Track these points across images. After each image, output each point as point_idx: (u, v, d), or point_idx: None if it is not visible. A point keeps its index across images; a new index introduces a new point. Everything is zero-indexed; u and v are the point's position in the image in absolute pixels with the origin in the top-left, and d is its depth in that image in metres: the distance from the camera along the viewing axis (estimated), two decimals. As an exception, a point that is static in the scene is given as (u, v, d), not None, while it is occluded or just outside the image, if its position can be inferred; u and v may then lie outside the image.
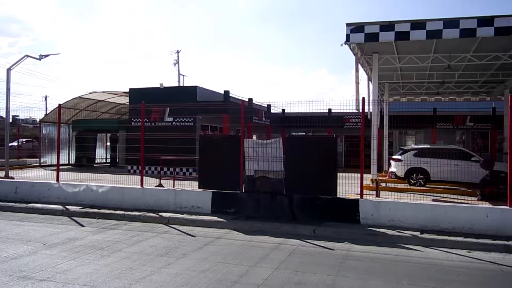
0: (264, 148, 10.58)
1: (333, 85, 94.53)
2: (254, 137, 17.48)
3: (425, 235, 8.38)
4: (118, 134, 25.06)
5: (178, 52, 45.35)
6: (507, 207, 8.59)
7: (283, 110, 27.68)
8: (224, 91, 22.13)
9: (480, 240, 8.00)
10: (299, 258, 7.07)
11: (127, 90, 23.22)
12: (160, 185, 13.08)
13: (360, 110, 10.27)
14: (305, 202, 9.91)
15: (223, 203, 10.47)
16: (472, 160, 14.79)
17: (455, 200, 11.57)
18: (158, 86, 22.56)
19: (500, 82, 20.62)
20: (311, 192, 9.90)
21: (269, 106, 26.74)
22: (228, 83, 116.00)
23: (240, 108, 10.94)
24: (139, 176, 11.71)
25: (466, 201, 11.05)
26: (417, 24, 11.76)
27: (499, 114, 24.34)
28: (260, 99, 57.09)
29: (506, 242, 7.84)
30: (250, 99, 25.06)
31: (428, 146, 18.04)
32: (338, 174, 9.98)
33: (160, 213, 10.41)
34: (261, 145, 10.65)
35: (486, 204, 10.08)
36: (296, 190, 10.06)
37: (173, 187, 12.12)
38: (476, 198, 12.27)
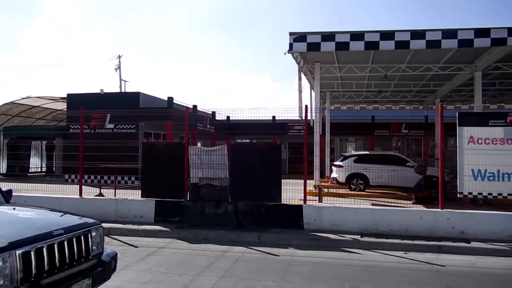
0: (209, 155, 10.51)
1: (277, 93, 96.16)
2: (199, 144, 17.35)
3: (365, 238, 8.71)
4: (54, 142, 23.80)
5: (119, 57, 43.74)
6: (439, 210, 9.14)
7: (228, 117, 27.72)
8: (168, 98, 21.78)
9: (416, 242, 8.43)
10: (244, 266, 7.06)
11: (65, 96, 22.19)
12: (100, 194, 12.58)
13: (303, 118, 10.51)
14: (250, 209, 9.94)
15: (167, 212, 10.25)
16: (407, 165, 15.62)
17: (392, 204, 12.12)
18: (99, 92, 21.78)
19: (431, 91, 22.00)
20: (256, 199, 9.96)
21: (213, 113, 26.62)
22: (172, 90, 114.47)
23: (184, 115, 10.80)
24: (78, 186, 11.17)
25: (402, 205, 11.62)
26: (356, 36, 12.25)
27: (431, 122, 25.93)
28: (205, 106, 56.82)
29: (439, 243, 8.32)
30: (195, 106, 24.84)
31: (367, 152, 18.85)
32: (283, 180, 10.12)
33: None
34: (206, 152, 10.58)
35: (420, 207, 10.65)
36: (241, 197, 10.07)
37: (114, 196, 11.70)
38: (411, 202, 12.93)
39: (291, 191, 10.36)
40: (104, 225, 9.76)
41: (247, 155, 10.42)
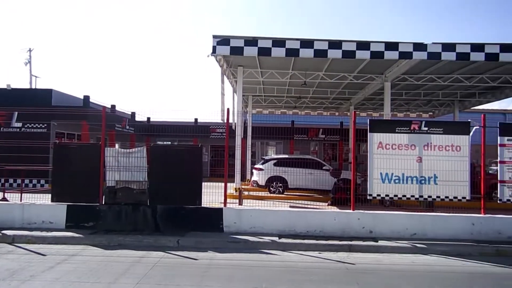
0: (127, 158, 10.13)
1: (201, 95, 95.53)
2: (117, 146, 16.65)
3: (283, 240, 8.96)
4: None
5: (30, 50, 40.49)
6: (351, 211, 9.69)
7: (148, 118, 26.99)
8: (84, 96, 20.64)
9: (329, 242, 8.86)
10: (162, 271, 6.90)
11: (-37, 90, 20.08)
12: (4, 199, 11.55)
13: (225, 121, 10.57)
14: (170, 213, 9.76)
15: (80, 217, 9.71)
16: (323, 169, 16.36)
17: (309, 206, 12.62)
18: (5, 87, 20.02)
19: (346, 99, 23.30)
20: (176, 202, 9.80)
21: (133, 113, 25.80)
22: (91, 90, 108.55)
23: (101, 115, 10.30)
24: (-23, 189, 10.16)
25: (318, 207, 12.14)
26: (278, 42, 12.60)
27: (346, 128, 27.44)
28: (125, 107, 54.71)
29: (350, 242, 8.82)
30: (113, 106, 23.86)
31: (286, 156, 19.41)
32: (204, 183, 10.07)
33: (3, 231, 9.16)
34: (123, 154, 10.18)
35: (334, 209, 11.21)
36: (160, 200, 9.84)
37: (20, 200, 10.83)
38: (327, 204, 13.54)
39: (212, 194, 10.34)
40: (8, 232, 9.10)
41: (167, 158, 10.21)
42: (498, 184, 9.73)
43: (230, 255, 8.08)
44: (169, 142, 25.17)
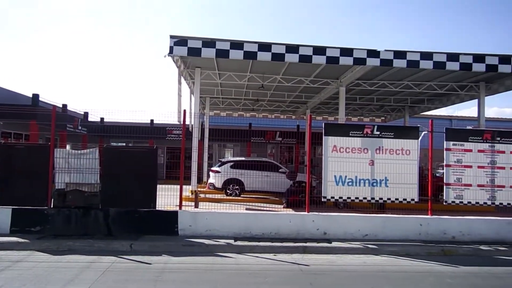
0: (78, 159, 9.77)
1: (158, 96, 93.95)
2: (68, 147, 16.05)
3: (239, 242, 8.95)
4: None
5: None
6: (306, 213, 9.84)
7: (102, 118, 26.16)
8: (33, 95, 19.72)
9: (284, 244, 8.94)
10: (114, 276, 6.70)
11: None
12: None
13: (182, 122, 10.43)
14: (123, 216, 9.49)
15: (26, 221, 9.25)
16: (280, 171, 16.52)
17: (265, 208, 12.68)
18: None
19: (303, 103, 23.69)
20: (129, 205, 9.55)
21: (86, 113, 24.88)
22: (42, 89, 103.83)
23: (51, 114, 9.87)
24: None
25: (274, 209, 12.22)
26: (236, 44, 12.60)
27: (302, 131, 27.88)
28: (78, 107, 52.79)
29: (305, 244, 8.96)
30: (64, 105, 22.95)
31: (243, 158, 19.44)
32: (160, 186, 9.89)
33: None
34: (74, 156, 9.80)
35: (290, 211, 11.32)
36: (113, 203, 9.55)
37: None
38: (282, 206, 13.67)
39: (168, 197, 10.15)
40: None
41: (120, 159, 9.92)
42: (444, 186, 10.22)
43: (185, 258, 7.98)
44: (124, 144, 24.51)
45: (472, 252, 9.06)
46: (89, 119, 25.26)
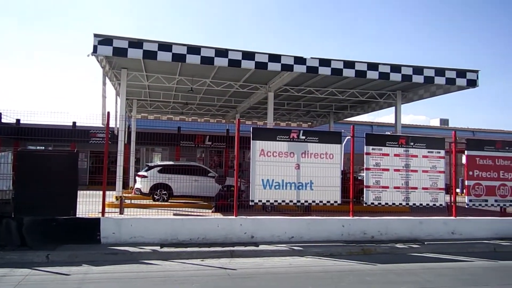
0: (-13, 164, 8.97)
1: (81, 97, 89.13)
2: (-24, 150, 14.68)
3: (165, 249, 8.73)
4: None
5: None
6: (233, 217, 9.86)
7: (18, 120, 24.26)
8: None
9: (212, 249, 8.89)
10: (26, 290, 6.22)
11: None
12: None
13: (106, 125, 10.00)
14: (39, 225, 8.85)
15: None
16: (209, 176, 16.43)
17: (193, 213, 12.53)
18: None
19: (233, 107, 23.80)
20: (46, 213, 8.94)
21: (-1, 114, 22.99)
22: None
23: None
24: None
25: (202, 214, 12.11)
26: (164, 46, 12.29)
27: (231, 135, 27.95)
28: (-12, 106, 48.50)
29: (232, 248, 8.97)
30: (-27, 105, 20.98)
31: (172, 162, 19.06)
32: (82, 192, 9.40)
33: None
34: (-17, 160, 8.99)
35: (218, 215, 11.29)
36: (27, 211, 8.87)
37: None
38: (211, 211, 13.58)
39: (90, 203, 9.64)
40: None
41: (37, 164, 9.26)
42: (364, 188, 10.78)
43: (108, 267, 7.62)
44: (43, 147, 22.94)
45: (389, 250, 9.64)
46: (3, 120, 23.34)
